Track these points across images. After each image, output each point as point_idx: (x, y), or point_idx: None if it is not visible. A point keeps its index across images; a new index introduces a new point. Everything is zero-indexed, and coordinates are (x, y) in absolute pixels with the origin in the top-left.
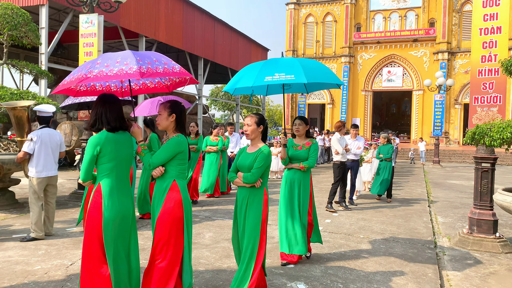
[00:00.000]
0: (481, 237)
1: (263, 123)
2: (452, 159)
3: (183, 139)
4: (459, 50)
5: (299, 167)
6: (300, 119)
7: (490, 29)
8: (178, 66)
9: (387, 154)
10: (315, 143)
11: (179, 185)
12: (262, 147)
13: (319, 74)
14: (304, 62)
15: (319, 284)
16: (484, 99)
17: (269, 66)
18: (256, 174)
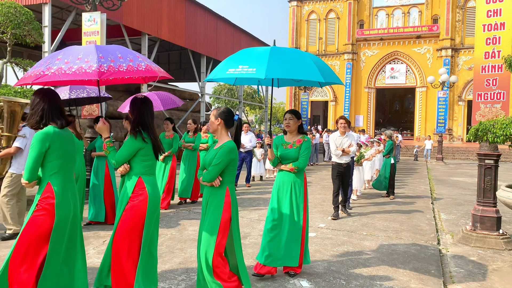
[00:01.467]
0: (485, 234)
1: (222, 117)
2: (456, 156)
3: (143, 135)
4: (462, 47)
5: (289, 168)
6: (291, 112)
7: (494, 25)
8: (145, 64)
9: (385, 151)
10: (307, 141)
11: (145, 182)
12: (225, 142)
13: (291, 70)
14: (279, 54)
15: (322, 281)
16: (488, 96)
17: (240, 56)
18: (212, 172)
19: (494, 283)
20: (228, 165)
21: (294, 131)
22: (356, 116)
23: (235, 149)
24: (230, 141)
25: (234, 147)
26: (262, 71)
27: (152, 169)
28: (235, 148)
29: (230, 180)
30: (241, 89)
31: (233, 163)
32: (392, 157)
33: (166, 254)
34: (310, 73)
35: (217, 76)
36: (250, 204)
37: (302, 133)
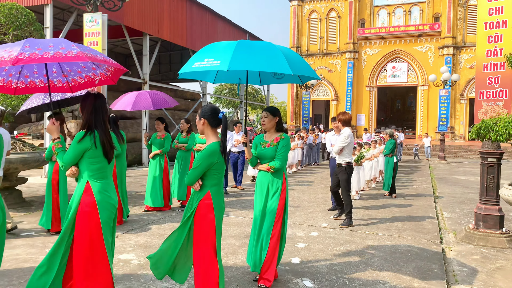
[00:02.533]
0: (487, 232)
1: (205, 116)
2: (458, 154)
3: (92, 134)
4: (464, 45)
5: (265, 168)
6: (266, 110)
7: (496, 23)
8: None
9: (387, 150)
10: (284, 139)
11: (92, 187)
12: (209, 144)
13: (256, 62)
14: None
15: (325, 280)
16: (490, 94)
17: (207, 50)
18: (190, 176)
19: (497, 281)
20: (210, 168)
21: (272, 129)
22: (358, 115)
23: (216, 152)
24: (214, 143)
25: (216, 150)
26: (226, 64)
27: (102, 172)
28: (216, 152)
29: (212, 184)
30: (242, 88)
31: (216, 167)
32: (394, 156)
33: None
34: (277, 65)
35: (184, 70)
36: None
37: (281, 131)
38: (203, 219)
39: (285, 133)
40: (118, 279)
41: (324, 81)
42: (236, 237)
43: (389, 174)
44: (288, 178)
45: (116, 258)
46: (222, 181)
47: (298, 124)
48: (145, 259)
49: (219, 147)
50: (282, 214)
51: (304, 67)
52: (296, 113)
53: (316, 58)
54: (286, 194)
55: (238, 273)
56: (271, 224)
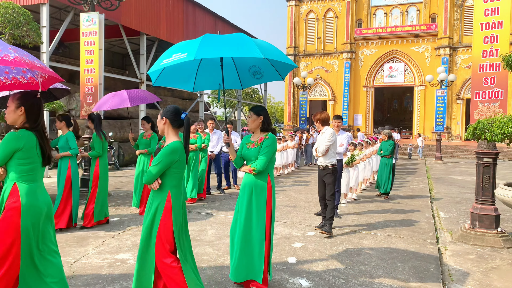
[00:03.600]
0: (483, 232)
1: (167, 115)
2: (454, 154)
3: (25, 134)
4: (460, 45)
5: (248, 170)
6: (251, 109)
7: (491, 23)
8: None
9: (386, 151)
10: (268, 139)
11: (19, 190)
12: (170, 142)
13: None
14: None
15: (321, 279)
16: (486, 94)
17: (175, 47)
18: (149, 174)
19: (493, 281)
20: (170, 167)
21: (256, 129)
22: (355, 115)
23: (178, 150)
24: (175, 141)
25: (177, 148)
26: (193, 53)
27: (32, 175)
28: (178, 149)
29: (172, 184)
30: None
31: (177, 165)
32: (393, 156)
33: None
34: (245, 50)
35: (153, 69)
36: None
37: (266, 131)
38: (164, 223)
39: (272, 133)
40: (114, 278)
41: (321, 81)
42: None
43: (387, 175)
44: (283, 178)
45: (112, 258)
46: (181, 182)
47: (295, 124)
48: None
49: (181, 146)
50: (270, 219)
51: (276, 52)
52: (293, 113)
53: (313, 58)
54: (273, 198)
55: None
56: (262, 230)
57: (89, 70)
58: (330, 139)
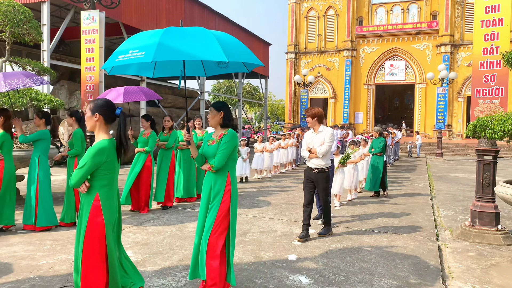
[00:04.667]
0: (483, 229)
1: (101, 111)
2: (455, 152)
3: None
4: (462, 43)
5: (207, 167)
6: (211, 105)
7: (492, 21)
8: None
9: (377, 148)
10: (227, 134)
11: None
12: (97, 141)
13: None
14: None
15: (321, 276)
16: (486, 92)
17: (132, 41)
18: (75, 176)
19: (492, 278)
20: (98, 168)
21: (217, 125)
22: (356, 113)
23: (105, 150)
24: (103, 140)
25: (104, 148)
26: (150, 54)
27: None
28: (105, 150)
29: (101, 185)
30: (240, 86)
31: (105, 167)
32: (384, 154)
33: (166, 251)
34: (209, 52)
35: (107, 65)
36: (250, 201)
37: (227, 127)
38: (92, 223)
39: (232, 129)
40: None
41: (322, 79)
42: None
43: (379, 173)
44: (284, 177)
45: None
46: (114, 182)
47: (296, 122)
48: (142, 256)
49: (110, 145)
50: (225, 219)
51: (242, 52)
52: (294, 111)
53: (314, 56)
54: (232, 197)
55: (235, 269)
56: (209, 230)
57: (89, 68)
58: (331, 139)
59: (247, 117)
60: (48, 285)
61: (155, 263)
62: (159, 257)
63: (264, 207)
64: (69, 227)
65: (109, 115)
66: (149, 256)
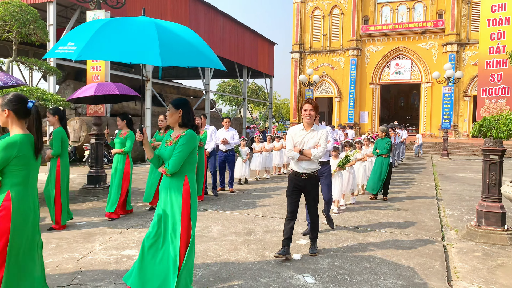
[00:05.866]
0: (489, 229)
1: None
2: (461, 152)
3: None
4: (468, 42)
5: (162, 170)
6: (170, 102)
7: (498, 20)
8: None
9: (383, 149)
10: (184, 136)
11: None
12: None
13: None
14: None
15: (326, 276)
16: (492, 91)
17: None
18: None
19: (498, 278)
20: (8, 164)
21: (175, 124)
22: (361, 113)
23: (17, 145)
24: (16, 135)
25: (16, 141)
26: (78, 51)
27: None
28: (16, 144)
29: (13, 183)
30: (245, 86)
31: (17, 162)
32: (389, 156)
33: None
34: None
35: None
36: (254, 200)
37: (185, 126)
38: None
39: (191, 130)
40: (121, 274)
41: (327, 78)
42: (238, 233)
43: (383, 176)
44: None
45: (119, 254)
46: (29, 181)
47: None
48: None
49: (23, 140)
50: (187, 227)
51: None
52: (299, 110)
53: (319, 55)
54: (191, 203)
55: (239, 269)
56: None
57: (95, 68)
58: (327, 140)
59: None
60: (54, 283)
61: None
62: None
63: (268, 207)
64: (69, 226)
65: (20, 110)
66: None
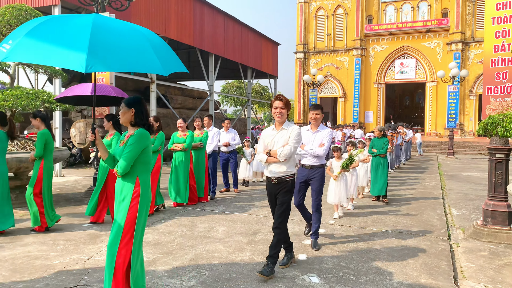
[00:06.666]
0: (496, 228)
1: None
2: (467, 151)
3: None
4: (473, 40)
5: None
6: (123, 101)
7: (503, 18)
8: None
9: (382, 149)
10: (134, 135)
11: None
12: None
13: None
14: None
15: (332, 276)
16: (498, 89)
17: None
18: None
19: (505, 277)
20: None
21: (127, 123)
22: (366, 112)
23: None
24: None
25: None
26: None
27: None
28: None
29: None
30: (249, 86)
31: None
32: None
33: (177, 251)
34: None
35: None
36: (260, 201)
37: (138, 125)
38: None
39: (143, 128)
40: None
41: (332, 78)
42: (244, 234)
43: (383, 176)
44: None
45: None
46: None
47: (305, 122)
48: (153, 256)
49: None
50: (132, 229)
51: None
52: (303, 111)
53: (323, 55)
54: (140, 206)
55: (245, 269)
56: (116, 240)
57: None
58: (298, 139)
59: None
60: (61, 284)
61: (166, 263)
62: (170, 257)
63: None
64: (75, 227)
65: None
66: (160, 256)
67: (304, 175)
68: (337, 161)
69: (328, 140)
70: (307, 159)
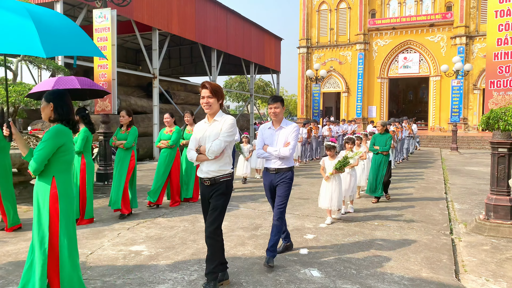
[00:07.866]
0: (498, 223)
1: None
2: (471, 145)
3: None
4: (477, 34)
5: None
6: (43, 96)
7: (506, 11)
8: None
9: (385, 146)
10: (49, 131)
11: None
12: None
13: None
14: None
15: (333, 270)
16: (501, 83)
17: None
18: None
19: (507, 271)
20: None
21: (47, 119)
22: (369, 107)
23: None
24: None
25: None
26: None
27: None
28: None
29: None
30: (252, 82)
31: None
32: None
33: (179, 245)
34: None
35: None
36: (262, 196)
37: (58, 121)
38: None
39: (61, 124)
40: (129, 269)
41: (335, 73)
42: (245, 228)
43: (386, 175)
44: (298, 171)
45: (127, 250)
46: None
47: (309, 117)
48: (155, 250)
49: None
50: (53, 233)
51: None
52: (306, 106)
53: (327, 50)
54: (60, 206)
55: (246, 263)
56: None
57: (102, 66)
58: (230, 132)
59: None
60: None
61: (168, 257)
62: (172, 251)
63: None
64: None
65: None
66: (162, 250)
67: (269, 181)
68: (331, 160)
69: (294, 137)
70: (271, 162)
